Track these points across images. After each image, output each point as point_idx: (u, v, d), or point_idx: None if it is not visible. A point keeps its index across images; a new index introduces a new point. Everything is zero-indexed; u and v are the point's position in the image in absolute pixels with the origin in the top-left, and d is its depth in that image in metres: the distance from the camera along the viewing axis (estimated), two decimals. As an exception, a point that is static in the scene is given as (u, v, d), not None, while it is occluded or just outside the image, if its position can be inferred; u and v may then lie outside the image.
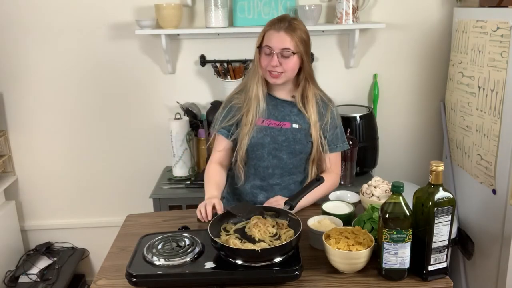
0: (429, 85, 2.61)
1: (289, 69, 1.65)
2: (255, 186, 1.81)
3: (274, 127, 1.74)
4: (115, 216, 2.62)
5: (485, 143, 2.07)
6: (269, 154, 1.75)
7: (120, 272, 1.33)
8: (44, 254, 2.65)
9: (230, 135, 1.78)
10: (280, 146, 1.73)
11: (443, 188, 1.25)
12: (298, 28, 1.64)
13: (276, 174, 1.77)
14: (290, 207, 1.51)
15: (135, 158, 2.68)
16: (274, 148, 1.73)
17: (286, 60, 1.64)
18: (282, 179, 1.78)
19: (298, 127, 1.73)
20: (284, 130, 1.73)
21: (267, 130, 1.73)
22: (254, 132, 1.73)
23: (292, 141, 1.73)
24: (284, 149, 1.74)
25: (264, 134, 1.73)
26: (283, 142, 1.73)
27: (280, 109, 1.75)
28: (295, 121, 1.74)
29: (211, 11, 2.32)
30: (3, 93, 2.56)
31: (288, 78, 1.69)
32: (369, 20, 2.50)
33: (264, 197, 1.79)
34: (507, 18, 1.88)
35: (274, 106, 1.76)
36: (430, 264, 1.29)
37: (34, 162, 2.67)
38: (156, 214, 1.82)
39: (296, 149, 1.74)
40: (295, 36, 1.63)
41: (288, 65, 1.64)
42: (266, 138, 1.73)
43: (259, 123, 1.74)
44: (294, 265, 1.28)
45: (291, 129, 1.73)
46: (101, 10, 2.45)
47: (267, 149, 1.74)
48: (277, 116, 1.75)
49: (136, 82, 2.57)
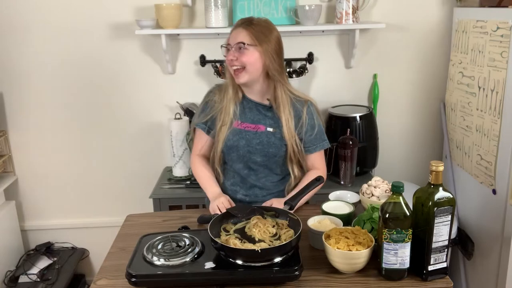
0: (429, 85, 2.61)
1: (247, 62, 1.64)
2: (234, 184, 1.82)
3: (250, 130, 1.75)
4: (115, 216, 2.62)
5: (485, 143, 2.07)
6: (243, 157, 1.76)
7: (120, 272, 1.33)
8: (44, 254, 2.65)
9: (208, 130, 1.80)
10: (253, 149, 1.74)
11: (443, 188, 1.25)
12: (259, 24, 1.66)
13: (252, 175, 1.79)
14: (290, 207, 1.52)
15: (135, 158, 2.68)
16: (248, 151, 1.75)
17: (242, 53, 1.64)
18: (258, 180, 1.80)
19: (272, 130, 1.74)
20: (259, 133, 1.74)
21: (242, 133, 1.75)
22: (230, 134, 1.74)
23: (266, 144, 1.74)
24: (257, 152, 1.74)
25: (239, 137, 1.74)
26: (257, 145, 1.74)
27: (256, 112, 1.77)
28: (269, 125, 1.75)
29: (211, 11, 2.32)
30: (3, 93, 2.56)
31: (251, 76, 1.68)
32: (369, 20, 2.50)
33: (243, 194, 1.80)
34: (507, 18, 1.88)
35: (250, 109, 1.77)
36: (430, 264, 1.29)
37: (34, 162, 2.67)
38: (156, 214, 1.82)
39: (269, 152, 1.74)
40: (252, 30, 1.64)
41: (245, 58, 1.64)
42: (241, 141, 1.74)
43: (236, 126, 1.75)
44: (294, 265, 1.28)
45: (265, 132, 1.74)
46: (101, 10, 2.45)
47: (242, 152, 1.75)
48: (253, 119, 1.76)
49: (136, 82, 2.57)
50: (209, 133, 1.81)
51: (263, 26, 1.67)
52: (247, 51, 1.64)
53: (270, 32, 1.68)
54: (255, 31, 1.64)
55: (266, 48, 1.65)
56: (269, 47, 1.66)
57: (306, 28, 2.36)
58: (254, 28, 1.65)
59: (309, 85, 2.58)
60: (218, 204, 1.65)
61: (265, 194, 1.80)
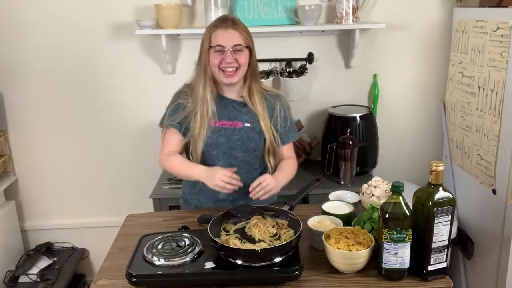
0: (429, 85, 2.61)
1: (243, 63, 1.69)
2: None
3: (228, 127, 1.76)
4: (115, 216, 2.62)
5: (485, 143, 2.07)
6: (224, 153, 1.76)
7: (120, 272, 1.33)
8: (44, 254, 2.65)
9: (182, 130, 1.78)
10: (234, 145, 1.75)
11: (443, 188, 1.25)
12: (241, 24, 1.70)
13: None
14: (290, 207, 1.52)
15: (135, 158, 2.68)
16: (229, 147, 1.75)
17: (239, 55, 1.67)
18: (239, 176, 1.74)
19: (250, 125, 1.76)
20: (237, 129, 1.75)
21: (221, 131, 1.75)
22: (209, 133, 1.74)
23: (246, 140, 1.75)
24: (238, 147, 1.75)
25: (218, 135, 1.74)
26: (237, 141, 1.75)
27: (231, 109, 1.77)
28: (246, 120, 1.76)
29: (211, 11, 2.32)
30: (3, 93, 2.56)
31: (241, 74, 1.72)
32: (369, 20, 2.50)
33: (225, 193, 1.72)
34: (507, 18, 1.88)
35: (225, 106, 1.77)
36: (430, 264, 1.29)
37: (34, 162, 2.67)
38: (156, 214, 1.82)
39: (250, 147, 1.76)
40: (242, 31, 1.68)
41: (242, 59, 1.68)
42: (221, 138, 1.74)
43: (213, 124, 1.75)
44: (294, 265, 1.28)
45: (244, 128, 1.76)
46: (101, 10, 2.45)
47: (222, 149, 1.75)
48: (229, 116, 1.76)
49: (136, 82, 2.57)
50: (184, 134, 1.78)
51: (245, 27, 1.71)
52: (242, 53, 1.68)
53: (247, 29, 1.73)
54: (245, 32, 1.69)
55: (252, 47, 1.71)
56: (253, 46, 1.72)
57: (306, 28, 2.36)
58: (243, 28, 1.69)
59: (309, 85, 2.57)
60: (221, 178, 1.60)
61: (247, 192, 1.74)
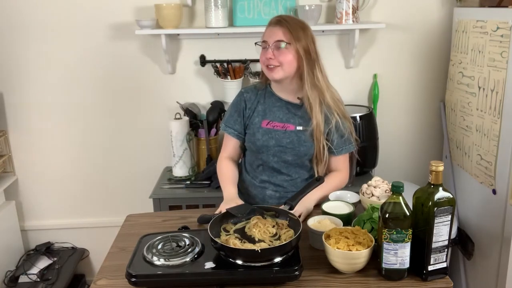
0: (429, 85, 2.61)
1: (285, 61, 1.65)
2: (263, 181, 1.83)
3: (278, 130, 1.75)
4: (115, 216, 2.62)
5: (485, 143, 2.07)
6: (274, 156, 1.77)
7: (120, 272, 1.33)
8: (44, 254, 2.65)
9: (236, 134, 1.82)
10: (284, 149, 1.75)
11: (443, 188, 1.25)
12: (294, 23, 1.66)
13: (284, 173, 1.80)
14: (290, 207, 1.51)
15: (135, 158, 2.68)
16: (279, 151, 1.75)
17: (280, 52, 1.65)
18: (289, 175, 1.80)
19: (302, 129, 1.74)
20: (288, 132, 1.75)
21: (271, 133, 1.75)
22: (259, 134, 1.75)
23: (296, 143, 1.74)
24: (288, 151, 1.75)
25: (268, 137, 1.75)
26: (288, 144, 1.74)
27: (285, 111, 1.77)
28: (299, 124, 1.75)
29: (211, 11, 2.32)
30: (3, 93, 2.56)
31: (286, 73, 1.68)
32: (369, 20, 2.50)
33: (273, 190, 1.81)
34: (507, 18, 1.88)
35: (279, 108, 1.77)
36: (430, 264, 1.29)
37: (34, 162, 2.67)
38: (156, 214, 1.82)
39: (300, 151, 1.75)
40: (289, 28, 1.64)
41: (283, 58, 1.65)
42: (270, 140, 1.75)
43: (264, 125, 1.75)
44: (294, 265, 1.28)
45: (295, 131, 1.74)
46: (101, 10, 2.45)
47: (272, 151, 1.76)
48: (282, 118, 1.76)
49: (136, 82, 2.57)
50: (238, 138, 1.83)
51: (300, 26, 1.67)
52: (285, 50, 1.64)
53: (307, 32, 1.68)
54: (293, 30, 1.64)
55: (302, 46, 1.65)
56: (307, 47, 1.66)
57: (306, 28, 2.35)
58: (292, 27, 1.64)
59: (309, 85, 2.57)
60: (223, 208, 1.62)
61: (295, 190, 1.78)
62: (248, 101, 1.81)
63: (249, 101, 1.81)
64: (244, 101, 1.82)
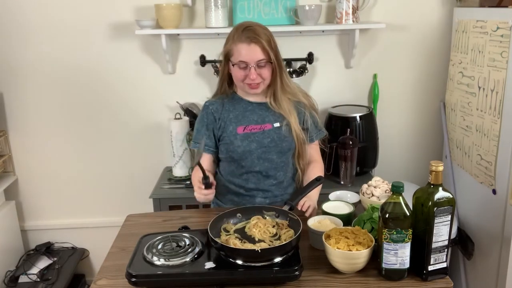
0: (429, 85, 2.61)
1: (267, 77, 1.69)
2: (250, 189, 1.81)
3: (257, 132, 1.76)
4: (115, 216, 2.62)
5: (485, 143, 2.07)
6: (259, 159, 1.76)
7: (120, 272, 1.33)
8: (44, 254, 2.65)
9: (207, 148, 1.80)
10: (268, 148, 1.75)
11: (443, 188, 1.25)
12: (263, 34, 1.66)
13: (271, 175, 1.79)
14: (290, 207, 1.52)
15: (135, 158, 2.68)
16: (263, 152, 1.75)
17: (263, 70, 1.67)
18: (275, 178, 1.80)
19: (279, 125, 1.76)
20: (267, 132, 1.75)
21: (250, 137, 1.75)
22: (238, 141, 1.74)
23: (278, 140, 1.75)
24: (272, 149, 1.76)
25: (249, 141, 1.75)
26: (270, 143, 1.75)
27: (258, 112, 1.78)
28: (275, 120, 1.77)
29: (211, 11, 2.32)
30: (3, 93, 2.56)
31: (266, 85, 1.73)
32: (369, 20, 2.50)
33: (262, 197, 1.81)
34: (507, 18, 1.88)
35: (251, 111, 1.78)
36: (430, 264, 1.29)
37: (34, 162, 2.67)
38: (156, 214, 1.82)
39: (283, 147, 1.77)
40: (264, 43, 1.64)
41: (265, 74, 1.68)
42: (252, 144, 1.75)
43: (241, 131, 1.75)
44: (294, 265, 1.28)
45: (273, 129, 1.76)
46: (101, 10, 2.45)
47: (256, 154, 1.75)
48: (257, 120, 1.77)
49: (136, 82, 2.57)
50: (210, 152, 1.82)
51: (266, 34, 1.68)
52: (267, 67, 1.68)
53: (271, 36, 1.70)
54: (267, 44, 1.65)
55: (274, 56, 1.68)
56: (277, 53, 1.70)
57: (306, 28, 2.36)
58: (264, 39, 1.65)
59: (309, 85, 2.58)
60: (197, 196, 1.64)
61: (283, 193, 1.82)
62: (215, 112, 1.79)
63: (216, 112, 1.79)
64: (212, 114, 1.79)
